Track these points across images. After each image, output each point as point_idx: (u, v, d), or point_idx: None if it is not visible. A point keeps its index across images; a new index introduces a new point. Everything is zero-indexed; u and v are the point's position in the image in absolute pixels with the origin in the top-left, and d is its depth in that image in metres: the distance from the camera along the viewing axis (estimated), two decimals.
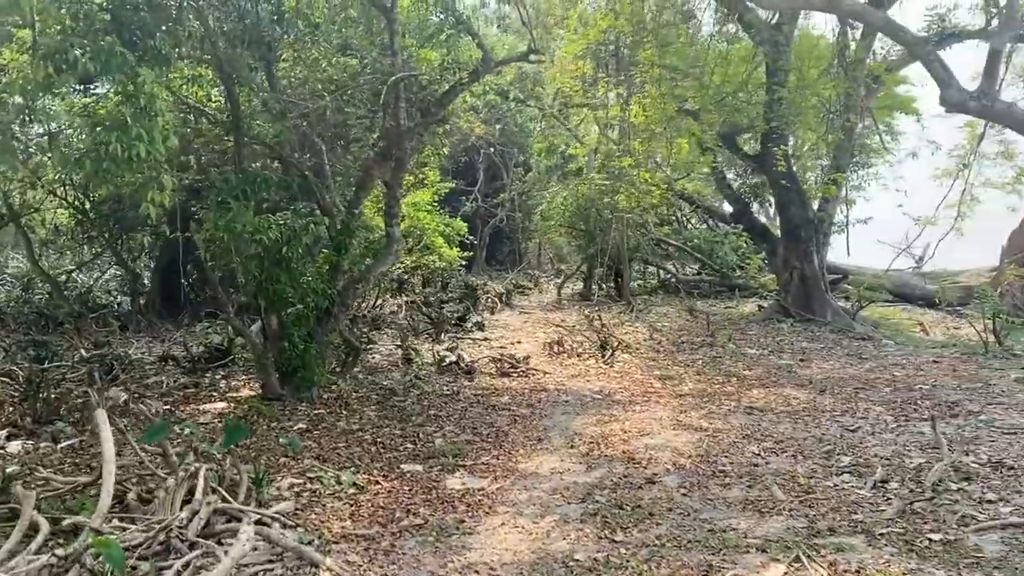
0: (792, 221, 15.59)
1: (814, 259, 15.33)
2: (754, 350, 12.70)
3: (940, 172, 17.71)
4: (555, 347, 12.93)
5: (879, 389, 9.50)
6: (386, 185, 10.77)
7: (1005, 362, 11.12)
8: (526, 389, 10.25)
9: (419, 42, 11.25)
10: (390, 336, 15.14)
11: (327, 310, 9.80)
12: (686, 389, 9.83)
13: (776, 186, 15.89)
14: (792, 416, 8.28)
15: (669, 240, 23.02)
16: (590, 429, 8.07)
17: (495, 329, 16.21)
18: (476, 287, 21.21)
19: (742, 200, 16.99)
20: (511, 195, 32.40)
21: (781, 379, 10.33)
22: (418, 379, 10.86)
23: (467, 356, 12.05)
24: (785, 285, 15.80)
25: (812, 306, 15.17)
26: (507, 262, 34.50)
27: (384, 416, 8.82)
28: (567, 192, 21.72)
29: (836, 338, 13.71)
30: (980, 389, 9.26)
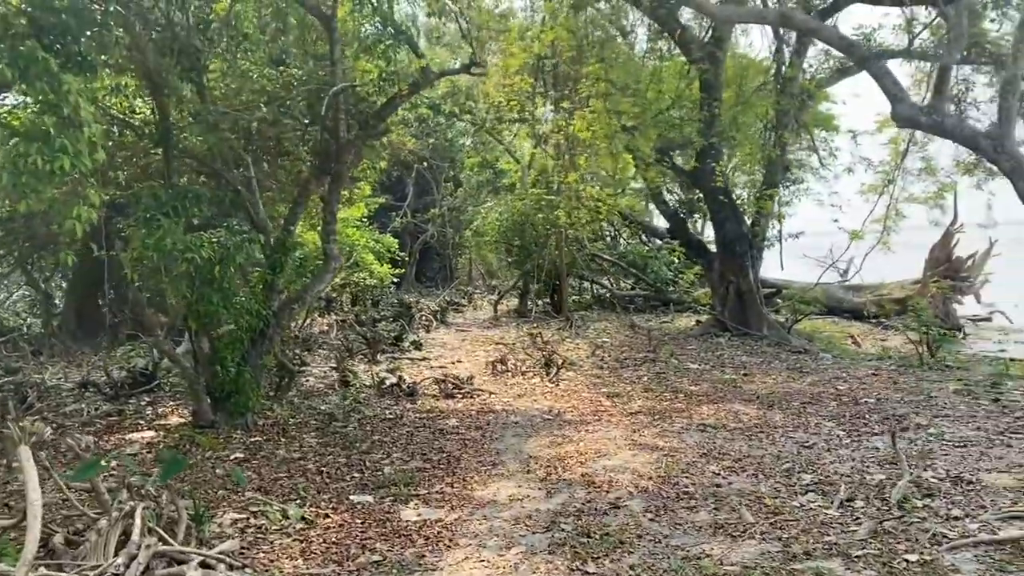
0: (727, 236, 15.72)
1: (749, 273, 15.47)
2: (697, 365, 12.67)
3: (866, 187, 18.17)
4: (498, 366, 12.65)
5: (826, 403, 9.52)
6: (323, 200, 10.35)
7: (940, 374, 11.34)
8: (473, 411, 9.93)
9: (356, 53, 10.89)
10: (323, 357, 14.63)
11: (262, 332, 9.33)
12: (636, 407, 9.66)
13: (712, 201, 16.03)
14: (746, 433, 8.19)
15: (604, 255, 23.07)
16: (545, 451, 7.80)
17: (433, 348, 15.84)
18: (411, 305, 20.82)
19: (678, 215, 17.11)
20: (442, 211, 32.09)
21: (728, 394, 10.27)
22: (358, 403, 10.44)
23: (408, 377, 11.67)
24: (722, 299, 15.91)
25: (749, 320, 15.30)
26: (437, 279, 34.12)
27: (326, 443, 8.39)
28: (502, 207, 21.53)
29: (774, 351, 13.82)
30: (923, 402, 9.37)
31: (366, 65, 10.81)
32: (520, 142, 28.03)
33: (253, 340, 9.24)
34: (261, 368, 9.61)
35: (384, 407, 10.28)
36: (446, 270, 34.68)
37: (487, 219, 21.88)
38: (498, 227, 21.70)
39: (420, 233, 32.66)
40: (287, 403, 10.22)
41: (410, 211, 31.92)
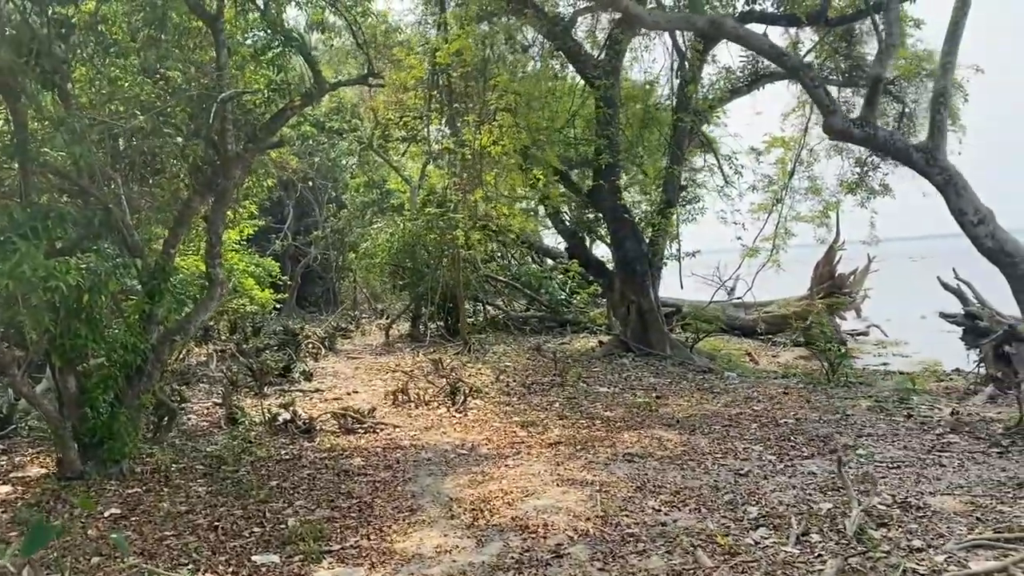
0: (627, 255, 15.54)
1: (650, 292, 15.33)
2: (606, 388, 12.30)
3: (756, 207, 18.50)
4: (399, 396, 11.86)
5: (746, 426, 9.28)
6: (206, 220, 9.38)
7: (847, 390, 11.40)
8: (378, 447, 9.14)
9: (241, 61, 9.99)
10: (204, 392, 13.44)
11: (139, 368, 8.26)
12: (554, 436, 9.13)
13: (611, 220, 15.83)
14: (675, 462, 7.79)
15: (497, 276, 22.61)
16: (466, 492, 7.13)
17: (324, 378, 14.86)
18: (296, 332, 19.64)
19: (576, 235, 16.84)
20: (325, 233, 30.85)
21: (646, 419, 9.90)
22: (249, 443, 9.46)
23: (302, 412, 10.74)
24: (623, 319, 15.69)
25: (651, 340, 15.12)
26: (320, 304, 32.77)
27: (217, 492, 7.43)
28: (393, 228, 20.74)
29: (680, 372, 13.65)
30: (842, 421, 9.28)
31: (253, 75, 9.95)
32: (409, 161, 27.32)
33: (129, 377, 8.17)
34: (139, 408, 8.51)
35: (279, 446, 9.34)
36: (329, 294, 33.39)
37: (377, 240, 21.01)
38: (389, 249, 20.88)
39: (301, 256, 31.30)
40: (168, 446, 9.14)
41: (291, 233, 30.57)
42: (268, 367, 14.07)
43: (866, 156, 17.66)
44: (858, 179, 17.69)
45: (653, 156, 15.39)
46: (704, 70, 15.20)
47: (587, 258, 17.04)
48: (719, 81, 15.87)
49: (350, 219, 31.02)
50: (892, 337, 21.73)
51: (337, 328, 23.03)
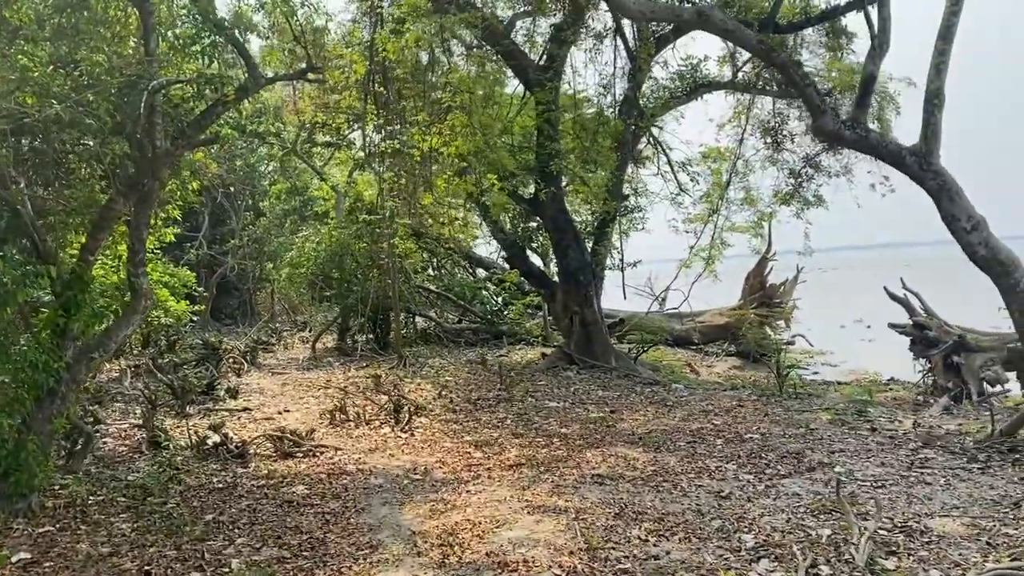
0: (571, 265, 15.13)
1: (594, 303, 14.96)
2: (555, 403, 11.81)
3: (693, 217, 18.40)
4: (337, 415, 11.09)
5: (712, 442, 8.92)
6: (129, 225, 8.47)
7: (801, 402, 11.23)
8: (322, 473, 8.39)
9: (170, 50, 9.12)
10: (120, 412, 12.35)
11: (51, 389, 7.32)
12: (513, 457, 8.56)
13: (553, 229, 15.40)
14: (648, 483, 7.33)
15: (430, 287, 21.93)
16: (429, 524, 6.49)
17: (251, 395, 13.91)
18: (217, 346, 18.49)
19: (517, 244, 16.34)
20: (242, 242, 29.52)
21: (605, 436, 9.44)
22: (176, 469, 8.56)
23: (233, 434, 9.88)
24: (567, 331, 15.27)
25: (595, 351, 14.73)
26: (237, 316, 31.31)
27: (144, 529, 6.58)
28: (320, 237, 19.82)
29: (627, 384, 13.29)
30: (807, 435, 9.03)
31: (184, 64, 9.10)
32: (334, 167, 26.37)
33: (39, 400, 7.22)
34: (50, 435, 7.56)
35: (210, 473, 8.50)
36: (246, 306, 31.99)
37: (303, 249, 20.04)
38: (315, 258, 19.94)
39: (217, 266, 29.86)
40: (84, 475, 8.18)
41: (206, 242, 29.14)
42: (190, 384, 13.04)
43: (800, 167, 17.78)
44: (792, 190, 17.77)
45: (596, 164, 14.98)
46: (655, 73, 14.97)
47: (528, 268, 16.57)
48: (671, 84, 15.62)
49: (269, 228, 29.79)
50: (817, 347, 22.05)
51: (258, 342, 21.90)
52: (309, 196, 29.27)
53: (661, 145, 16.17)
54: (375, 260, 18.51)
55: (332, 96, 17.71)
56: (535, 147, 14.73)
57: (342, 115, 16.36)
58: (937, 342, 11.27)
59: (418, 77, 13.16)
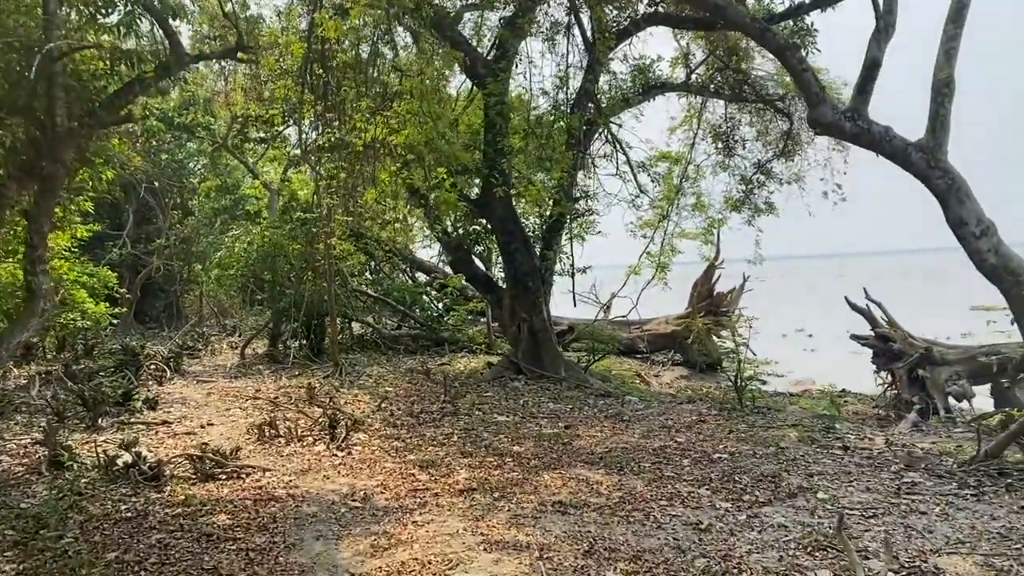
0: (519, 270, 14.39)
1: (543, 310, 14.25)
2: (505, 417, 11.03)
3: (641, 223, 17.89)
4: (265, 430, 10.10)
5: (678, 462, 8.26)
6: (27, 216, 7.42)
7: (763, 417, 10.68)
8: (247, 500, 7.43)
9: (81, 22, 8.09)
10: (22, 425, 11.13)
11: None
12: (462, 480, 7.75)
13: (500, 231, 14.64)
14: (617, 513, 6.60)
15: (367, 291, 20.93)
16: (370, 563, 5.64)
17: (172, 406, 12.76)
18: (137, 351, 17.16)
19: (462, 247, 15.49)
20: (168, 241, 27.99)
21: (562, 455, 8.70)
22: (79, 495, 7.52)
23: (148, 452, 8.84)
24: (514, 339, 14.51)
25: (544, 361, 14.02)
26: (162, 319, 29.70)
27: (32, 571, 5.58)
28: (251, 237, 18.66)
29: (578, 396, 12.59)
30: (779, 455, 8.44)
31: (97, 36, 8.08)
32: (267, 164, 25.18)
33: None
34: None
35: (118, 499, 7.47)
36: (172, 309, 30.39)
37: (233, 250, 18.85)
38: (245, 259, 18.77)
39: (142, 267, 28.24)
40: None
41: (130, 241, 27.52)
42: (103, 394, 11.84)
43: (752, 174, 17.44)
44: (744, 197, 17.42)
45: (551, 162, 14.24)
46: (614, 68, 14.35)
47: (473, 272, 15.74)
48: (623, 84, 15.02)
49: (198, 227, 28.33)
50: (760, 356, 21.83)
51: (183, 347, 20.57)
52: (241, 194, 27.95)
53: (619, 143, 15.56)
54: (310, 262, 17.49)
55: (267, 86, 16.69)
56: (482, 145, 13.94)
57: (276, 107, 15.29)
58: (901, 354, 10.88)
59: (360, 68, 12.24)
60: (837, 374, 19.45)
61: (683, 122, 17.53)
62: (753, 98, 16.46)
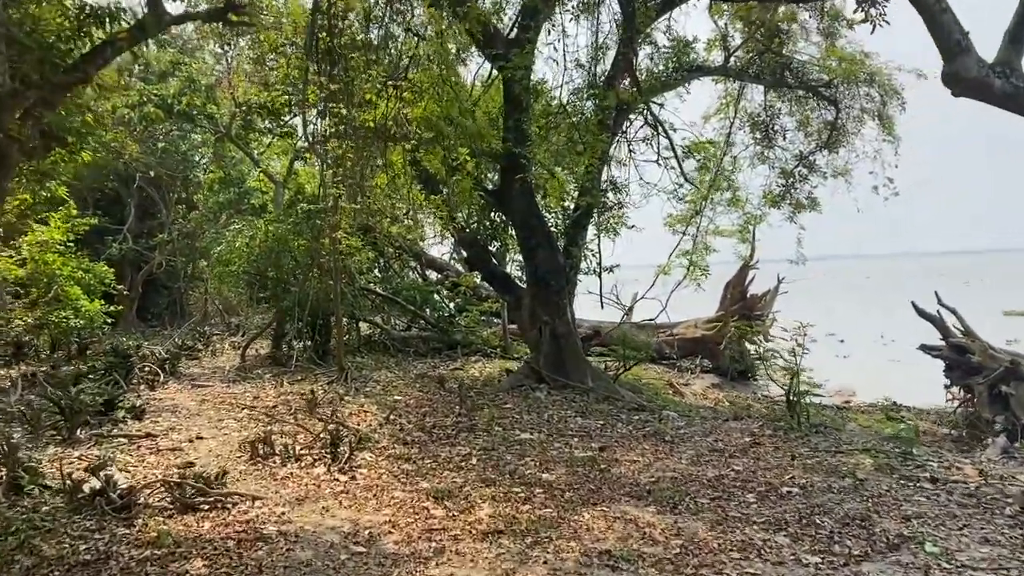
0: (540, 268, 13.14)
1: (567, 312, 12.99)
2: (529, 434, 9.79)
3: (673, 218, 16.61)
4: (259, 447, 8.90)
5: (741, 497, 6.99)
6: None
7: (825, 439, 9.40)
8: (230, 539, 6.22)
9: None
10: None
11: None
12: (485, 518, 6.52)
13: (521, 226, 13.38)
14: (681, 570, 5.35)
15: (376, 290, 19.74)
16: None
17: (160, 415, 11.59)
18: (129, 352, 15.98)
19: (479, 243, 14.20)
20: (171, 236, 26.88)
21: (601, 486, 7.45)
22: (33, 529, 6.36)
23: (121, 474, 7.65)
24: (535, 343, 13.25)
25: (568, 368, 12.75)
26: (165, 316, 28.62)
27: None
28: (253, 231, 17.49)
29: (609, 410, 11.34)
30: (858, 488, 7.17)
31: None
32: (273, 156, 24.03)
33: None
34: None
35: (78, 535, 6.29)
36: (176, 306, 29.31)
37: (234, 244, 17.69)
38: (247, 255, 17.61)
39: (144, 262, 27.14)
40: None
41: (131, 236, 26.43)
42: (82, 403, 10.65)
43: (793, 167, 16.15)
44: (784, 191, 16.12)
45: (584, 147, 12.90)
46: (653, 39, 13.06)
47: (491, 271, 14.45)
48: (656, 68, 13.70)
49: (202, 221, 27.22)
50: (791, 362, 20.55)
51: (182, 347, 19.43)
52: (246, 188, 26.84)
53: (661, 125, 14.24)
54: (315, 258, 16.31)
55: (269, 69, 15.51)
56: (501, 131, 12.69)
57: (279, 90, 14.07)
58: (980, 368, 9.60)
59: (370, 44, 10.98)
60: (879, 384, 18.19)
61: (719, 110, 16.24)
62: (796, 84, 15.16)
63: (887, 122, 14.91)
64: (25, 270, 16.34)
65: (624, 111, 12.74)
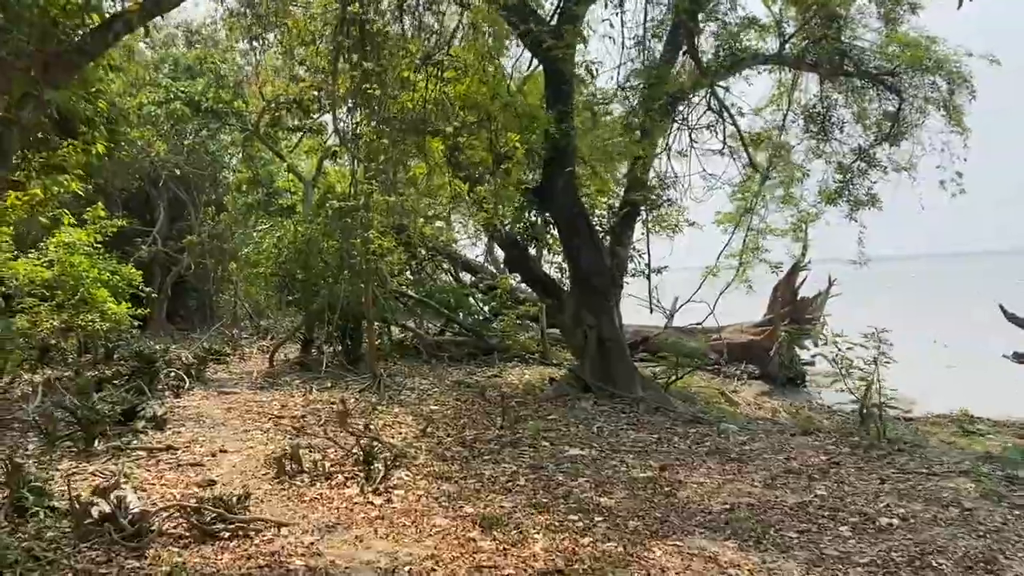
0: (585, 269, 12.30)
1: (614, 316, 12.13)
2: (579, 449, 8.95)
3: (721, 217, 15.71)
4: (287, 465, 8.17)
5: (834, 530, 6.09)
6: None
7: (911, 458, 8.45)
8: (252, 573, 5.48)
9: None
10: (6, 447, 9.38)
11: None
12: (542, 554, 5.68)
13: (564, 226, 12.55)
14: None
15: (409, 292, 19.02)
16: None
17: (184, 425, 10.93)
18: (155, 357, 15.35)
19: (518, 244, 13.38)
20: (200, 238, 26.34)
21: (669, 514, 6.59)
22: (33, 560, 5.67)
23: (134, 495, 6.94)
24: (579, 350, 12.40)
25: (614, 376, 11.89)
26: (194, 319, 28.16)
27: None
28: (282, 231, 16.85)
29: (662, 422, 10.47)
30: (968, 520, 6.25)
31: None
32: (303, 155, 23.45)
33: None
34: None
35: (83, 567, 5.58)
36: (205, 309, 28.81)
37: (263, 245, 17.06)
38: (275, 256, 16.96)
39: (173, 264, 26.67)
40: None
41: (160, 238, 25.98)
42: (100, 413, 9.98)
43: (851, 161, 15.14)
44: (840, 187, 15.11)
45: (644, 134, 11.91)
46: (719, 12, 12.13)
47: (532, 272, 13.58)
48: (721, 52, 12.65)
49: (230, 223, 26.69)
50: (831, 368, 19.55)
51: (210, 351, 18.83)
52: (275, 188, 26.31)
53: (727, 110, 13.31)
54: (346, 259, 15.62)
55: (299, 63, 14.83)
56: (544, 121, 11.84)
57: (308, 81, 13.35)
58: None
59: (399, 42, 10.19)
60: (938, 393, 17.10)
61: (772, 100, 15.27)
62: (855, 72, 14.16)
63: (955, 112, 13.86)
64: (52, 272, 15.85)
65: (680, 97, 11.83)
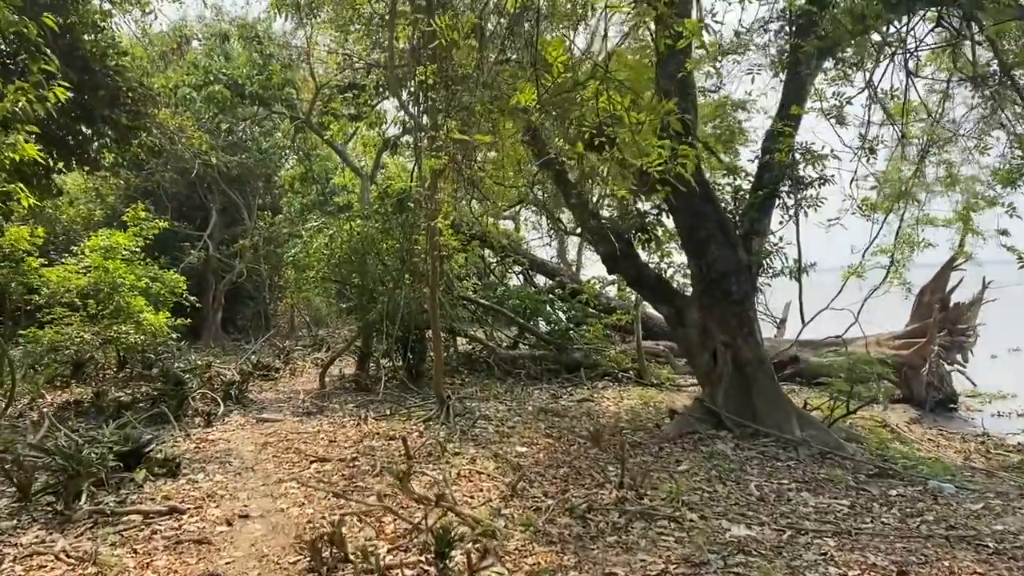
0: (714, 268, 9.51)
1: (756, 330, 9.33)
2: (745, 529, 6.17)
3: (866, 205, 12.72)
4: (325, 551, 5.61)
5: None
6: None
7: None
8: None
9: None
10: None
11: None
12: None
13: (684, 213, 9.78)
14: None
15: (476, 299, 16.47)
16: None
17: (203, 470, 8.51)
18: (186, 376, 13.04)
19: (622, 238, 10.52)
20: (253, 242, 24.27)
21: None
22: None
23: None
24: (708, 374, 9.59)
25: (758, 408, 9.05)
26: (250, 328, 26.19)
27: None
28: (334, 229, 14.47)
29: (840, 477, 7.60)
30: None
31: None
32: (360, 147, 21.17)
33: None
34: None
35: None
36: (261, 318, 26.80)
37: (312, 245, 14.73)
38: (327, 258, 14.60)
39: (227, 271, 24.71)
40: None
41: (214, 243, 24.03)
42: (86, 463, 7.55)
43: None
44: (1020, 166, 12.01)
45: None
46: None
47: (638, 273, 10.73)
48: None
49: (286, 226, 24.54)
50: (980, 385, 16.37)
51: (257, 366, 16.58)
52: (331, 186, 24.16)
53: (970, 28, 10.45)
54: (407, 261, 13.18)
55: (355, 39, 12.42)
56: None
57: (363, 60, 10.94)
58: None
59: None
60: None
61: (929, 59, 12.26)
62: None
63: None
64: (89, 278, 13.85)
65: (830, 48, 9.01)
